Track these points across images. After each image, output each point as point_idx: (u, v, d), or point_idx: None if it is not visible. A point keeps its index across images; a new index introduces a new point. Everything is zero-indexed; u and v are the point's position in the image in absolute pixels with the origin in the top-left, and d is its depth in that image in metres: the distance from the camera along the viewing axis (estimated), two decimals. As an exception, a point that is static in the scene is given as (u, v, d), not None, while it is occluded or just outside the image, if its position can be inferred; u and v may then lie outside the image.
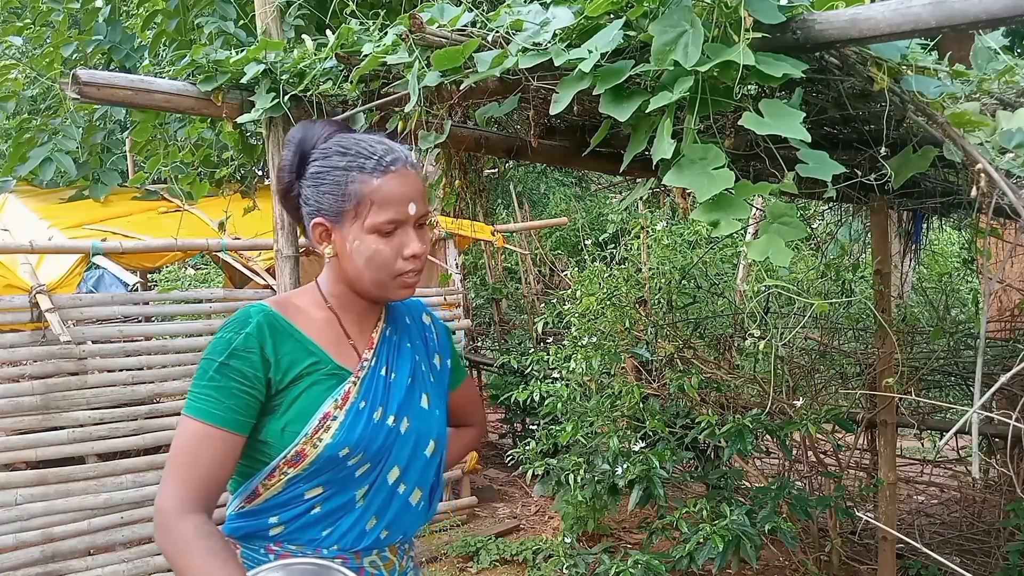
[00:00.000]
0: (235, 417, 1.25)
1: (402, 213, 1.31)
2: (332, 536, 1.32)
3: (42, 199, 5.21)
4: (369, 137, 1.35)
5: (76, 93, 2.14)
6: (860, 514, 3.73)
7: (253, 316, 1.30)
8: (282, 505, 1.31)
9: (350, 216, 1.31)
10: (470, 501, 5.29)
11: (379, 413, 1.34)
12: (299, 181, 1.36)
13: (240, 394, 1.25)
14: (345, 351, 1.37)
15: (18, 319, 3.62)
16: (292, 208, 1.40)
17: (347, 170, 1.30)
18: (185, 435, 1.25)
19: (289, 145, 1.37)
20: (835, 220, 4.67)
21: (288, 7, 2.73)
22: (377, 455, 1.33)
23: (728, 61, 1.47)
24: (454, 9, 1.95)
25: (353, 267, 1.33)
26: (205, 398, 1.25)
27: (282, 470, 1.29)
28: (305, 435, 1.28)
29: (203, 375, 1.26)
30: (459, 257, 5.44)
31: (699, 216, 1.53)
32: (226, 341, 1.27)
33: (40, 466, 3.72)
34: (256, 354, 1.27)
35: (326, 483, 1.31)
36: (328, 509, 1.32)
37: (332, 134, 1.35)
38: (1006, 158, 1.61)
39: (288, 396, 1.29)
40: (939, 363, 4.45)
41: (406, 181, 1.32)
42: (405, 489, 1.38)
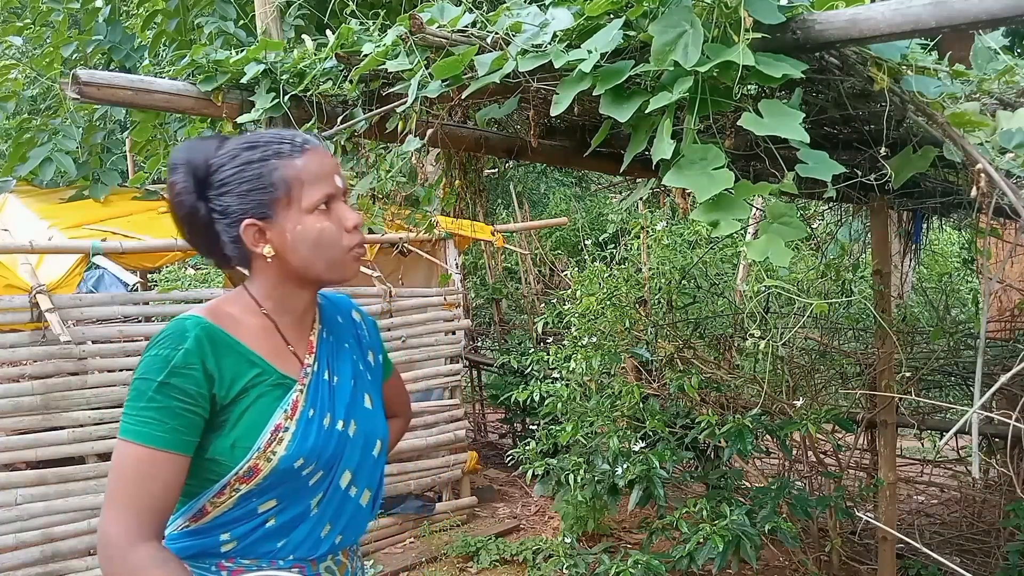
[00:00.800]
0: (180, 438, 1.20)
1: (333, 186, 1.30)
2: (287, 547, 1.30)
3: (42, 199, 5.21)
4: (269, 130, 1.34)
5: (76, 93, 2.13)
6: (860, 514, 3.73)
7: (190, 330, 1.24)
8: (234, 521, 1.27)
9: (283, 205, 1.27)
10: (470, 501, 5.29)
11: (328, 419, 1.32)
12: (204, 200, 1.29)
13: (184, 413, 1.20)
14: (286, 359, 1.33)
15: (18, 319, 3.62)
16: (201, 231, 1.31)
17: (264, 160, 1.27)
18: (127, 461, 1.19)
19: (177, 170, 1.29)
20: (835, 220, 4.67)
21: (288, 7, 2.73)
22: (329, 462, 1.32)
23: (728, 61, 1.47)
24: (454, 9, 1.95)
25: (300, 256, 1.29)
26: (146, 420, 1.18)
27: (233, 487, 1.25)
28: (258, 449, 1.24)
29: (140, 396, 1.20)
30: (459, 257, 5.44)
31: (699, 216, 1.53)
32: (163, 359, 1.20)
33: (40, 466, 3.72)
34: (198, 370, 1.21)
35: (280, 496, 1.28)
36: (283, 521, 1.29)
37: (221, 143, 1.31)
38: (1006, 158, 1.61)
39: (235, 411, 1.25)
40: (939, 363, 4.45)
41: (324, 156, 1.31)
42: (356, 492, 1.37)
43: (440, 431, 5.10)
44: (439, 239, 5.20)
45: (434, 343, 5.13)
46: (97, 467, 3.77)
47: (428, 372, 5.08)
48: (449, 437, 5.12)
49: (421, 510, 5.00)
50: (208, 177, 1.29)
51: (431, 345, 5.11)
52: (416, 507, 4.99)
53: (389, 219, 3.28)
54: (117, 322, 4.43)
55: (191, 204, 1.29)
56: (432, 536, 4.82)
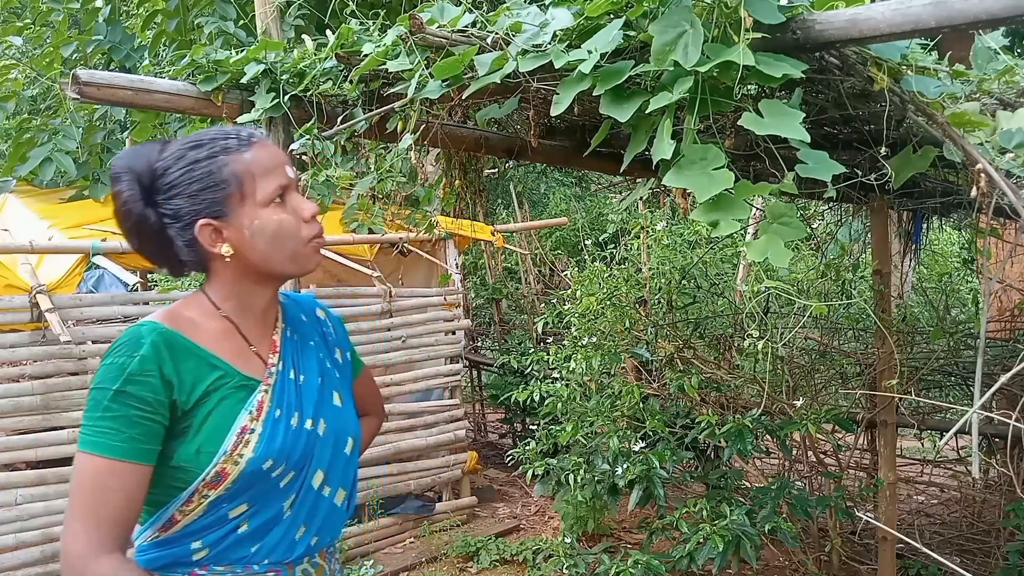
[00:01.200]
0: (140, 447, 1.17)
1: (285, 177, 1.28)
2: (262, 551, 1.27)
3: (42, 199, 5.22)
4: (211, 128, 1.30)
5: (76, 93, 2.14)
6: (860, 514, 3.73)
7: (145, 336, 1.21)
8: (205, 528, 1.24)
9: (236, 200, 1.25)
10: (470, 501, 5.29)
11: (296, 419, 1.30)
12: (152, 207, 1.25)
13: (142, 421, 1.17)
14: (249, 360, 1.30)
15: (18, 319, 3.62)
16: (152, 238, 1.27)
17: (213, 158, 1.24)
18: (87, 473, 1.17)
19: (120, 179, 1.25)
20: (835, 220, 4.67)
21: (288, 7, 2.73)
22: (300, 462, 1.29)
23: (728, 61, 1.47)
24: (454, 9, 1.95)
25: (259, 251, 1.27)
26: (104, 431, 1.16)
27: (202, 493, 1.22)
28: (224, 453, 1.21)
29: (97, 406, 1.17)
30: (459, 257, 5.44)
31: (699, 216, 1.53)
32: (119, 367, 1.17)
33: (40, 466, 3.71)
34: (155, 377, 1.18)
35: (251, 499, 1.25)
36: (256, 525, 1.26)
37: (163, 147, 1.28)
38: (1006, 158, 1.61)
39: (198, 416, 1.22)
40: (939, 363, 4.45)
41: (272, 149, 1.30)
42: (330, 491, 1.35)
43: (440, 431, 5.09)
44: (439, 239, 5.20)
45: (434, 343, 5.13)
46: (97, 467, 3.77)
47: (428, 372, 5.08)
48: (449, 437, 5.12)
49: (421, 510, 5.00)
50: (154, 182, 1.25)
51: (431, 345, 5.11)
52: (416, 507, 4.99)
53: (389, 219, 3.28)
54: (117, 322, 4.42)
55: (139, 212, 1.25)
56: (432, 536, 4.82)
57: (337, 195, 2.33)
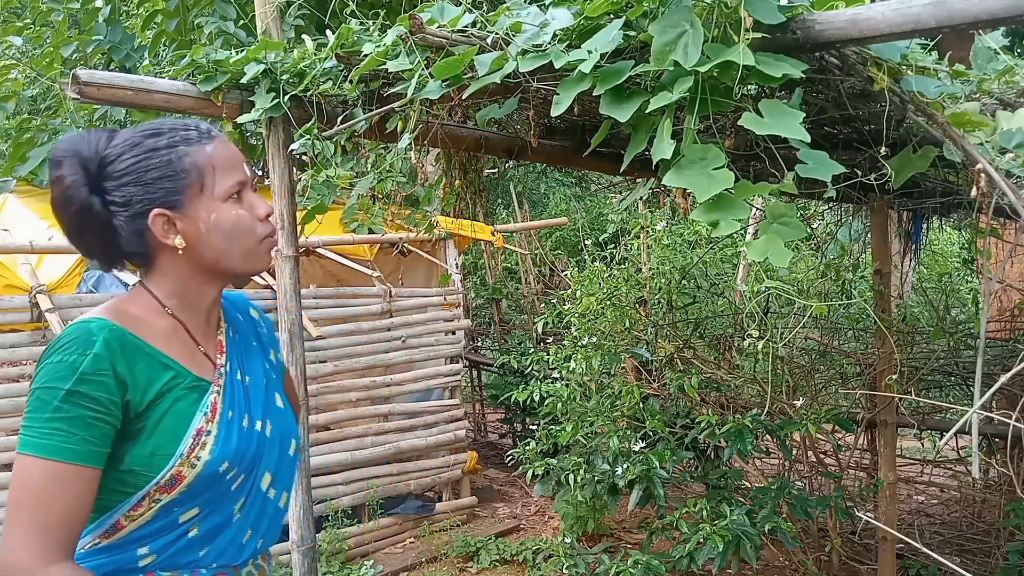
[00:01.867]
0: (91, 449, 1.11)
1: (243, 174, 1.26)
2: (210, 555, 1.25)
3: (42, 199, 5.20)
4: (167, 119, 1.28)
5: (76, 93, 2.13)
6: (860, 514, 3.73)
7: (96, 333, 1.15)
8: (153, 534, 1.20)
9: (195, 192, 1.21)
10: (470, 501, 5.29)
11: (247, 420, 1.28)
12: (98, 194, 1.20)
13: (95, 423, 1.11)
14: (198, 360, 1.27)
15: (18, 319, 3.62)
16: (95, 228, 1.21)
17: (172, 147, 1.21)
18: (33, 477, 1.10)
19: (62, 164, 1.19)
20: (835, 220, 4.67)
21: (288, 7, 2.73)
22: (250, 464, 1.27)
23: (728, 61, 1.47)
24: (454, 9, 1.95)
25: (215, 246, 1.23)
26: (52, 432, 1.10)
27: (153, 497, 1.18)
28: (180, 456, 1.18)
29: (44, 407, 1.11)
30: (459, 257, 5.44)
31: (699, 216, 1.53)
32: (69, 365, 1.11)
33: (40, 466, 3.71)
34: (109, 376, 1.13)
35: (203, 503, 1.22)
36: (205, 530, 1.24)
37: (111, 135, 1.24)
38: (1006, 158, 1.61)
39: (151, 417, 1.17)
40: (939, 363, 4.45)
41: (229, 145, 1.28)
42: (275, 494, 1.34)
43: (440, 431, 5.10)
44: (439, 239, 5.20)
45: (434, 343, 5.13)
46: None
47: (428, 372, 5.08)
48: (449, 437, 5.12)
49: (421, 510, 5.00)
50: (103, 169, 1.20)
51: (431, 345, 5.11)
52: (416, 507, 4.99)
53: (389, 219, 3.28)
54: (117, 322, 4.43)
55: (83, 199, 1.19)
56: (432, 536, 4.82)
57: (337, 195, 2.33)
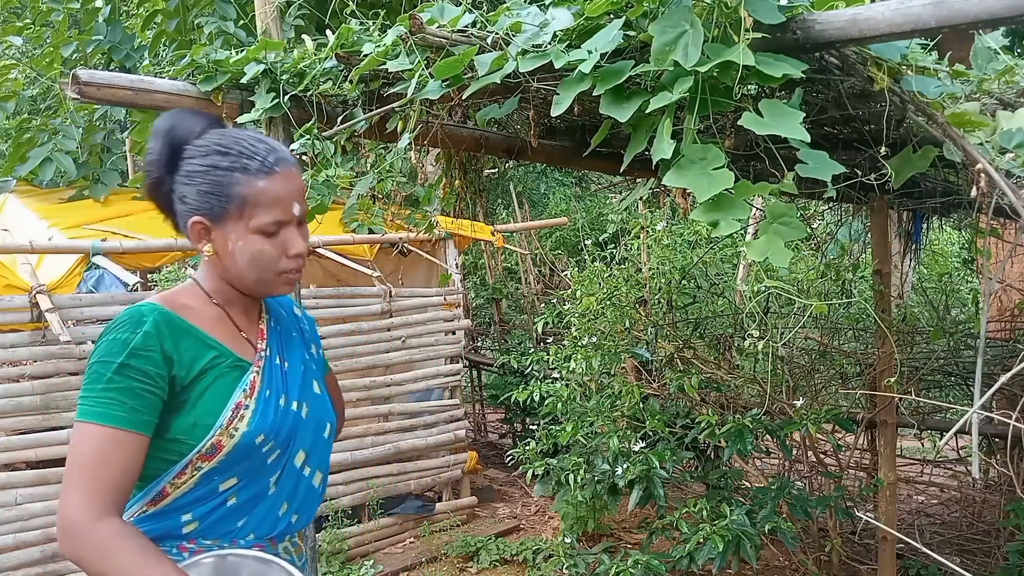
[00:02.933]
0: (141, 418, 1.23)
1: (286, 214, 1.31)
2: (248, 526, 1.34)
3: (42, 199, 5.21)
4: (249, 135, 1.33)
5: (76, 93, 2.13)
6: (860, 514, 3.73)
7: (147, 315, 1.27)
8: (195, 501, 1.30)
9: (233, 217, 1.29)
10: (470, 501, 5.29)
11: (283, 400, 1.38)
12: (172, 176, 1.31)
13: (144, 394, 1.23)
14: (241, 344, 1.38)
15: (18, 319, 3.61)
16: (163, 203, 1.35)
17: (230, 171, 1.28)
18: (89, 441, 1.21)
19: (157, 137, 1.31)
20: (835, 220, 4.67)
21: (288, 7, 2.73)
22: (286, 440, 1.37)
23: (728, 61, 1.47)
24: (454, 9, 1.95)
25: (235, 267, 1.33)
26: (108, 401, 1.21)
27: (195, 465, 1.28)
28: (220, 426, 1.28)
29: (99, 378, 1.22)
30: (459, 257, 5.44)
31: (699, 216, 1.53)
32: (122, 342, 1.23)
33: (40, 466, 3.71)
34: (157, 352, 1.25)
35: (241, 473, 1.32)
36: (244, 499, 1.33)
37: (206, 128, 1.33)
38: (1006, 158, 1.61)
39: (195, 391, 1.28)
40: (939, 363, 4.45)
41: (289, 181, 1.31)
42: (310, 472, 1.42)
43: (440, 431, 5.10)
44: (439, 239, 5.20)
45: (434, 343, 5.13)
46: (97, 467, 3.77)
47: (428, 372, 5.08)
48: (449, 437, 5.12)
49: (421, 510, 5.00)
50: (181, 158, 1.30)
51: (431, 345, 5.11)
52: (416, 507, 4.99)
53: (389, 219, 3.28)
54: (117, 322, 4.42)
55: (158, 175, 1.32)
56: (432, 536, 4.82)
57: (337, 195, 2.33)
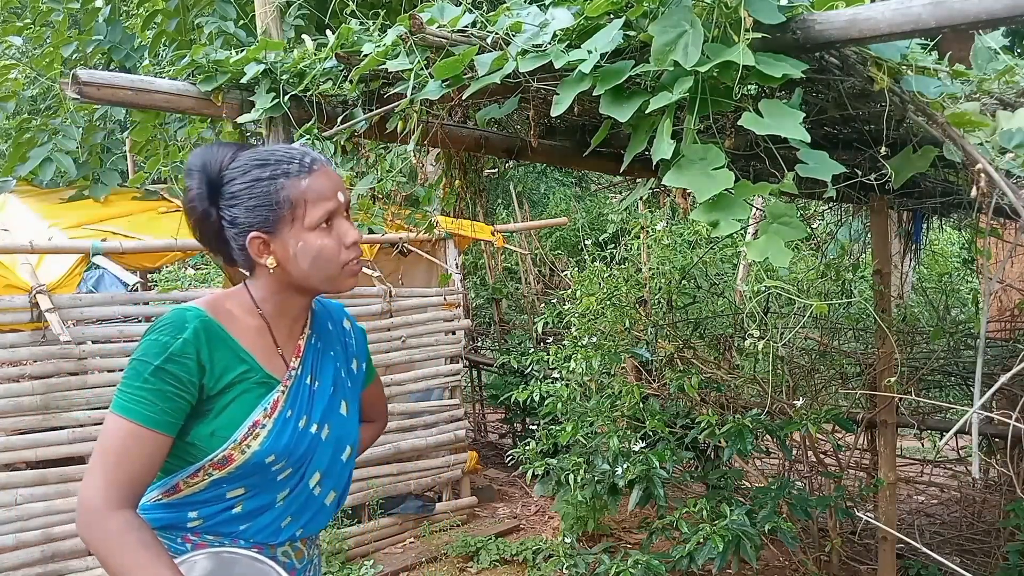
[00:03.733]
0: (167, 419, 1.28)
1: (335, 204, 1.37)
2: (250, 531, 1.39)
3: (42, 199, 5.21)
4: (279, 146, 1.40)
5: (76, 93, 2.13)
6: (860, 514, 3.73)
7: (190, 321, 1.32)
8: (203, 502, 1.37)
9: (287, 222, 1.35)
10: (470, 501, 5.29)
11: (304, 421, 1.41)
12: (216, 207, 1.37)
13: (174, 398, 1.28)
14: (274, 360, 1.42)
15: (18, 319, 3.61)
16: (211, 235, 1.40)
17: (272, 179, 1.34)
18: (115, 433, 1.27)
19: (192, 175, 1.37)
20: (835, 220, 4.67)
21: (288, 7, 2.73)
22: (299, 461, 1.41)
23: (728, 61, 1.47)
24: (454, 9, 1.95)
25: (300, 269, 1.37)
26: (139, 399, 1.26)
27: (207, 471, 1.34)
28: (234, 441, 1.33)
29: (137, 376, 1.27)
30: (459, 257, 5.43)
31: (699, 216, 1.53)
32: (162, 344, 1.28)
33: (40, 466, 3.71)
34: (192, 360, 1.30)
35: (249, 485, 1.37)
36: (248, 508, 1.39)
37: (236, 153, 1.38)
38: (1006, 158, 1.61)
39: (219, 402, 1.34)
40: (939, 363, 4.45)
41: (329, 176, 1.38)
42: (321, 492, 1.47)
43: (440, 431, 5.10)
44: (439, 239, 5.20)
45: (434, 343, 5.13)
46: (97, 467, 3.77)
47: (428, 372, 5.08)
48: (449, 437, 5.12)
49: (421, 510, 5.00)
50: (220, 187, 1.36)
51: (431, 345, 5.11)
52: (416, 507, 4.99)
53: (389, 219, 3.28)
54: (117, 322, 4.42)
55: (203, 209, 1.37)
56: (432, 536, 4.82)
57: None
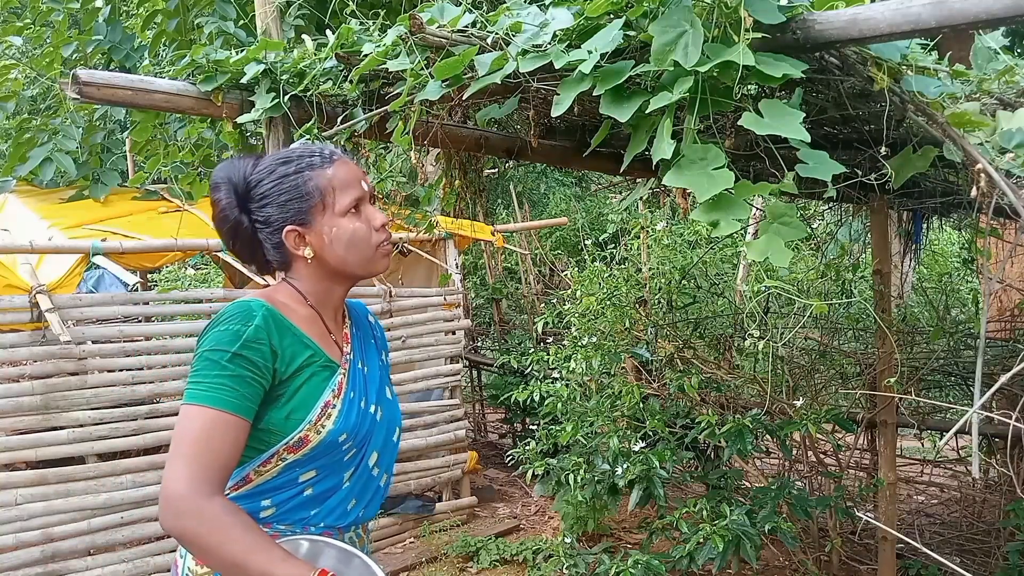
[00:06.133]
0: (247, 404, 1.31)
1: (360, 190, 1.45)
2: (319, 515, 1.43)
3: (42, 199, 5.21)
4: (298, 144, 1.47)
5: (76, 93, 2.14)
6: (860, 514, 3.73)
7: (256, 309, 1.37)
8: (275, 488, 1.40)
9: (319, 211, 1.42)
10: (470, 501, 5.29)
11: (364, 402, 1.47)
12: (247, 213, 1.44)
13: (252, 383, 1.32)
14: (330, 345, 1.48)
15: (18, 319, 3.61)
16: (246, 242, 1.47)
17: (299, 172, 1.42)
18: (198, 422, 1.29)
19: (218, 188, 1.45)
20: (835, 220, 4.67)
21: (288, 7, 2.73)
22: (363, 440, 1.46)
23: (728, 61, 1.47)
24: (454, 9, 1.95)
25: (336, 255, 1.44)
26: (219, 387, 1.29)
27: (281, 456, 1.38)
28: (309, 422, 1.37)
29: (213, 365, 1.31)
30: (459, 257, 5.43)
31: (699, 216, 1.53)
32: (234, 333, 1.32)
33: (40, 466, 3.71)
34: (266, 345, 1.34)
35: (320, 467, 1.41)
36: (319, 491, 1.42)
37: (255, 161, 1.47)
38: (1006, 158, 1.61)
39: (291, 386, 1.38)
40: (939, 363, 4.45)
41: (350, 165, 1.47)
42: (378, 472, 1.52)
43: (440, 431, 5.10)
44: (439, 239, 5.20)
45: (434, 343, 5.13)
46: (97, 467, 3.77)
47: (428, 372, 5.08)
48: (449, 437, 5.12)
49: (421, 510, 5.00)
50: (248, 192, 1.44)
51: (431, 345, 5.11)
52: (416, 507, 4.99)
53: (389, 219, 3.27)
54: (117, 322, 4.42)
55: (235, 218, 1.44)
56: (432, 536, 4.82)
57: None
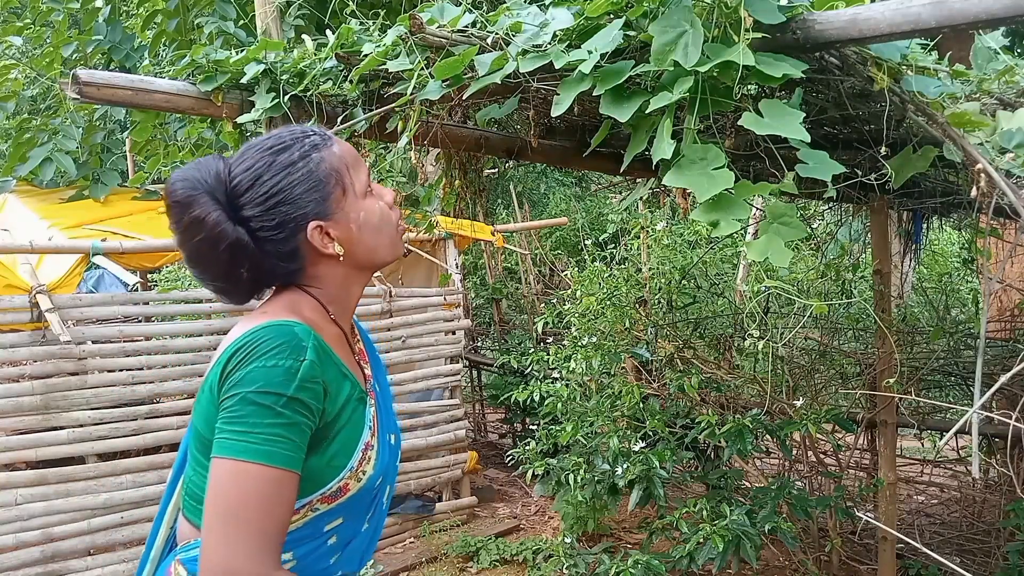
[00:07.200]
0: (301, 456, 1.09)
1: (366, 169, 1.27)
2: (338, 563, 1.24)
3: (42, 199, 5.21)
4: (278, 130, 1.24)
5: (76, 93, 2.13)
6: (860, 514, 3.73)
7: (305, 339, 1.11)
8: (299, 540, 1.18)
9: (339, 197, 1.20)
10: (470, 501, 5.29)
11: (391, 436, 1.30)
12: (242, 224, 1.15)
13: (305, 429, 1.09)
14: (355, 368, 1.25)
15: (18, 319, 3.61)
16: (250, 257, 1.16)
17: (306, 156, 1.18)
18: (254, 483, 1.04)
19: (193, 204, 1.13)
20: (835, 220, 4.67)
21: (288, 7, 2.73)
22: (387, 479, 1.28)
23: (728, 61, 1.47)
24: (454, 9, 1.95)
25: (366, 244, 1.23)
26: (275, 439, 1.05)
27: (313, 506, 1.16)
28: (350, 469, 1.17)
29: (265, 412, 1.06)
30: (459, 257, 5.44)
31: (699, 216, 1.53)
32: (286, 370, 1.07)
33: (40, 466, 3.71)
34: (320, 384, 1.11)
35: (346, 514, 1.21)
36: (342, 538, 1.23)
37: (222, 159, 1.20)
38: (1006, 158, 1.61)
39: (335, 427, 1.15)
40: (939, 363, 4.45)
41: (345, 143, 1.28)
42: (386, 505, 1.34)
43: (440, 431, 5.10)
44: (439, 239, 5.20)
45: (434, 343, 5.13)
46: (97, 467, 3.77)
47: (428, 372, 5.08)
48: (449, 437, 5.12)
49: (421, 510, 5.00)
50: (237, 198, 1.16)
51: (431, 345, 5.11)
52: (416, 507, 4.99)
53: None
54: (117, 322, 4.43)
55: (231, 232, 1.14)
56: (432, 536, 4.82)
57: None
